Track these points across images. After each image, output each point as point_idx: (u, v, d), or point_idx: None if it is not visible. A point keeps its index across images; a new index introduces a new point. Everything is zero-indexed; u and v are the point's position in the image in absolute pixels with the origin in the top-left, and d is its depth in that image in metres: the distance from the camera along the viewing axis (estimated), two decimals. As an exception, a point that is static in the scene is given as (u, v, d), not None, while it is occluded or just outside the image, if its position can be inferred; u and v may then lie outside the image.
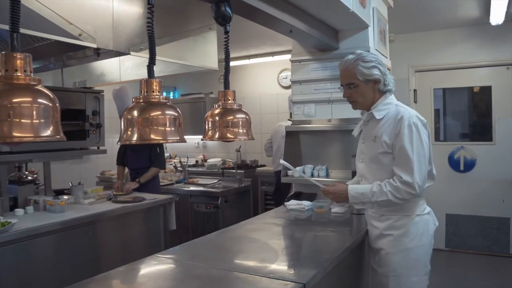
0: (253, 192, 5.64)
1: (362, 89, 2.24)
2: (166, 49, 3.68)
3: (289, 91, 6.63)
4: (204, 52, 3.73)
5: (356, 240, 2.39)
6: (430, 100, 5.56)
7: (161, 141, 1.59)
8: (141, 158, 4.53)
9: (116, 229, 3.53)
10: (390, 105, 2.25)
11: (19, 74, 1.17)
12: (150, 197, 3.95)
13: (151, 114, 1.56)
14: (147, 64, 1.65)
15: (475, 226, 5.43)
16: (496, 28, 4.97)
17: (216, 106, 2.05)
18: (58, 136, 1.22)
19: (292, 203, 3.24)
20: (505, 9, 4.34)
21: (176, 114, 1.62)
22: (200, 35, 3.68)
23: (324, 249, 2.28)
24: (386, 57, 3.84)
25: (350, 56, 2.26)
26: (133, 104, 1.60)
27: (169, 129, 1.58)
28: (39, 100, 1.18)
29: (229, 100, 2.02)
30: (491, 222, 5.34)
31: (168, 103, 1.63)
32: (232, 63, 6.75)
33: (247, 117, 2.03)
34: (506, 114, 5.24)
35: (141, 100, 1.60)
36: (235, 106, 2.03)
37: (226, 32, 2.03)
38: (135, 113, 1.56)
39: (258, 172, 6.29)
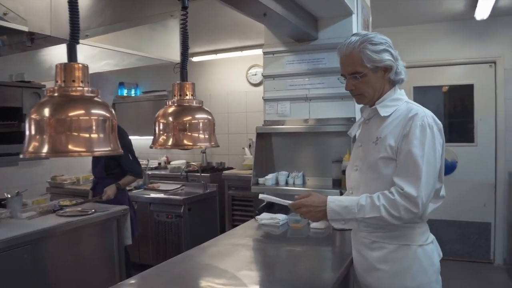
0: (220, 197, 5.18)
1: (370, 78, 1.77)
2: (121, 37, 3.21)
3: (258, 89, 6.26)
4: (165, 42, 3.30)
5: (341, 275, 1.92)
6: (410, 99, 5.18)
7: (83, 154, 1.09)
8: (98, 166, 3.97)
9: (61, 248, 2.99)
10: (400, 102, 1.80)
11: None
12: (101, 209, 3.42)
13: (69, 115, 1.08)
14: (68, 41, 1.15)
15: (455, 232, 5.14)
16: (480, 24, 4.68)
17: (170, 103, 1.58)
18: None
19: (264, 217, 2.80)
20: (492, 3, 4.06)
21: (107, 115, 1.14)
22: (160, 23, 3.24)
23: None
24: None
25: (354, 38, 1.79)
26: (43, 100, 1.11)
27: (95, 136, 1.10)
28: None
29: (187, 95, 1.56)
30: (472, 228, 5.07)
31: (96, 98, 1.14)
32: (197, 58, 6.27)
33: (210, 117, 1.57)
34: (488, 114, 4.96)
35: (56, 94, 1.11)
36: (194, 103, 1.56)
37: (184, 8, 1.56)
38: (45, 112, 1.07)
39: (225, 176, 5.85)
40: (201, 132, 1.51)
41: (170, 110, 1.55)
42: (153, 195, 4.72)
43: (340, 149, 2.94)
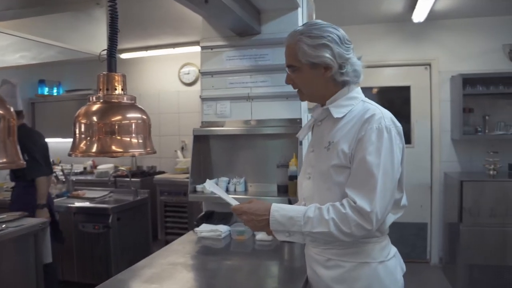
0: (152, 204, 4.82)
1: (306, 75, 1.57)
2: (37, 26, 2.81)
3: (191, 89, 6.02)
4: (91, 34, 2.94)
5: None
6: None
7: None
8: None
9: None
10: (355, 101, 1.59)
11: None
12: (15, 223, 2.97)
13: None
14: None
15: (394, 233, 5.05)
16: (417, 26, 4.71)
17: (94, 99, 1.26)
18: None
19: (204, 229, 2.52)
20: (430, 6, 4.09)
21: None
22: (84, 11, 2.88)
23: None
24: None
25: (298, 28, 1.59)
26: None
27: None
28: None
29: (116, 89, 1.25)
30: (410, 228, 5.09)
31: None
32: (126, 55, 5.84)
33: (145, 117, 1.27)
34: (424, 116, 4.99)
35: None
36: (125, 100, 1.26)
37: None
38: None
39: (157, 181, 5.53)
40: (133, 135, 1.21)
41: (95, 108, 1.23)
42: (77, 203, 4.26)
43: (285, 153, 2.72)
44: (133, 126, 1.23)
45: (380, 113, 1.51)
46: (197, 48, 5.77)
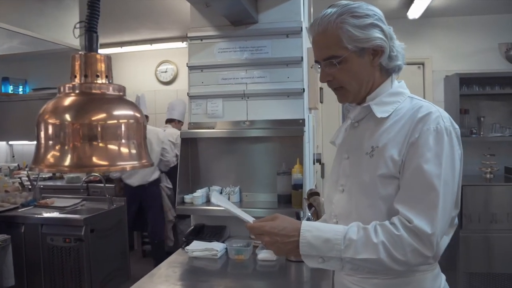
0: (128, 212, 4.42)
1: (353, 65, 1.25)
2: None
3: (169, 88, 5.70)
4: (61, 22, 2.57)
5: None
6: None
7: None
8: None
9: None
10: (401, 97, 1.29)
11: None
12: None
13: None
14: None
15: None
16: (411, 23, 4.48)
17: (67, 89, 0.89)
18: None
19: (196, 247, 2.17)
20: (428, 3, 3.88)
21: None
22: (54, -2, 2.54)
23: None
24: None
25: (329, 10, 1.26)
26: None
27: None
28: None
29: (98, 76, 0.90)
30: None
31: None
32: (99, 51, 5.56)
33: (138, 115, 0.91)
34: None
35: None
36: (111, 91, 0.91)
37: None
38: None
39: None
40: (123, 141, 0.86)
41: (67, 102, 0.86)
42: (46, 214, 3.82)
43: (287, 159, 2.40)
44: (123, 128, 0.87)
45: (437, 112, 1.21)
46: (176, 44, 5.51)
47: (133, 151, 0.89)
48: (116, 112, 0.90)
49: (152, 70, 5.86)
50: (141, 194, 4.73)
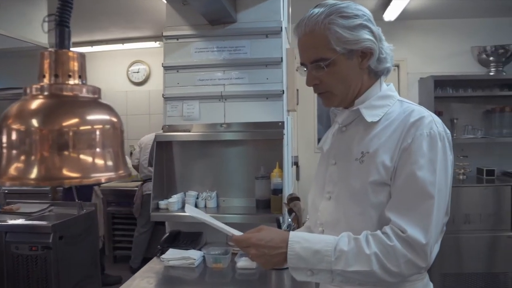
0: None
1: (341, 68, 1.19)
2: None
3: (141, 88, 5.58)
4: (29, 19, 2.44)
5: None
6: (313, 104, 4.81)
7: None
8: None
9: None
10: (391, 100, 1.24)
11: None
12: None
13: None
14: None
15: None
16: (387, 25, 4.45)
17: (34, 91, 0.79)
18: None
19: (172, 256, 2.07)
20: (405, 5, 3.90)
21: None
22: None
23: None
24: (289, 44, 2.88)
25: (317, 10, 1.20)
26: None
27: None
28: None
29: (70, 76, 0.80)
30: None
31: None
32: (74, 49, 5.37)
33: (115, 120, 0.82)
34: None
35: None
36: (84, 93, 0.82)
37: None
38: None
39: (103, 190, 4.97)
40: (98, 150, 0.76)
41: (34, 105, 0.76)
42: (10, 221, 3.63)
43: (265, 162, 2.32)
44: (98, 135, 0.78)
45: (430, 116, 1.17)
46: (149, 44, 5.37)
47: (109, 160, 0.80)
48: (91, 117, 0.80)
49: (124, 70, 5.69)
50: None
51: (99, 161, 0.79)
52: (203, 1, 2.01)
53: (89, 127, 0.79)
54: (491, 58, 4.36)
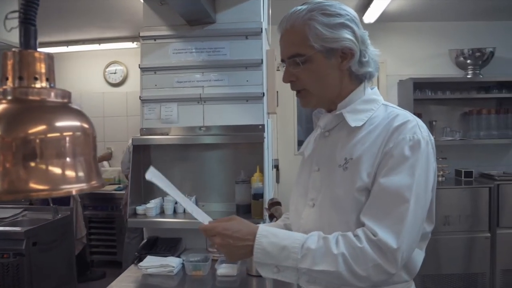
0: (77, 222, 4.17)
1: (319, 66, 1.16)
2: None
3: (118, 90, 5.48)
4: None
5: None
6: (293, 106, 4.79)
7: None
8: None
9: None
10: (375, 104, 1.20)
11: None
12: None
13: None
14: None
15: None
16: (366, 27, 4.42)
17: None
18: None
19: (151, 264, 2.01)
20: (384, 7, 3.92)
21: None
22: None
23: None
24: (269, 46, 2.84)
25: (300, 7, 1.17)
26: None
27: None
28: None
29: (36, 79, 0.74)
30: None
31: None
32: (43, 50, 5.26)
33: (86, 126, 0.76)
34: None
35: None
36: (52, 97, 0.76)
37: None
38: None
39: (79, 193, 4.83)
40: (68, 159, 0.70)
41: None
42: (-20, 226, 3.52)
43: (246, 166, 2.28)
44: (68, 143, 0.72)
45: (414, 121, 1.14)
46: (126, 45, 5.25)
47: (81, 171, 0.74)
48: (60, 123, 0.74)
49: (101, 71, 5.55)
50: None
51: (70, 172, 0.73)
52: (181, 0, 1.95)
53: (58, 134, 0.73)
54: (468, 61, 4.41)
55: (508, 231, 3.98)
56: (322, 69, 1.16)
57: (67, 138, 0.74)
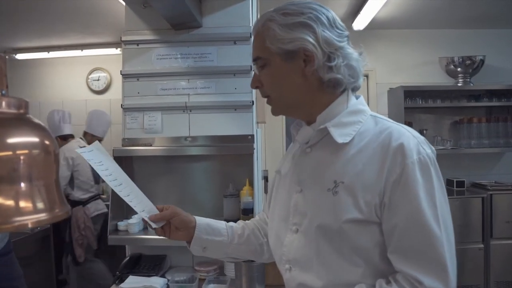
0: (56, 238, 3.93)
1: (277, 70, 1.05)
2: None
3: (101, 97, 5.35)
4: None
5: None
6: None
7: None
8: None
9: None
10: (362, 115, 1.07)
11: None
12: None
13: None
14: None
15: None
16: (355, 34, 4.39)
17: None
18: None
19: (132, 284, 1.86)
20: (374, 14, 3.86)
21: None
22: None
23: None
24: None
25: (270, 9, 1.08)
26: None
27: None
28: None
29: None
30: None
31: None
32: (22, 56, 4.92)
33: (47, 142, 0.63)
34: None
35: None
36: (3, 107, 0.63)
37: None
38: None
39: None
40: (23, 184, 0.58)
41: None
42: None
43: (234, 179, 2.15)
44: (23, 164, 0.59)
45: (410, 135, 1.00)
46: (109, 51, 5.10)
47: (39, 198, 0.61)
48: (13, 140, 0.61)
49: (83, 78, 5.39)
50: None
51: (25, 200, 0.60)
52: (165, 3, 1.83)
53: (9, 153, 0.60)
54: (458, 69, 4.36)
55: (502, 242, 3.90)
56: (280, 73, 1.05)
57: (22, 158, 0.61)
